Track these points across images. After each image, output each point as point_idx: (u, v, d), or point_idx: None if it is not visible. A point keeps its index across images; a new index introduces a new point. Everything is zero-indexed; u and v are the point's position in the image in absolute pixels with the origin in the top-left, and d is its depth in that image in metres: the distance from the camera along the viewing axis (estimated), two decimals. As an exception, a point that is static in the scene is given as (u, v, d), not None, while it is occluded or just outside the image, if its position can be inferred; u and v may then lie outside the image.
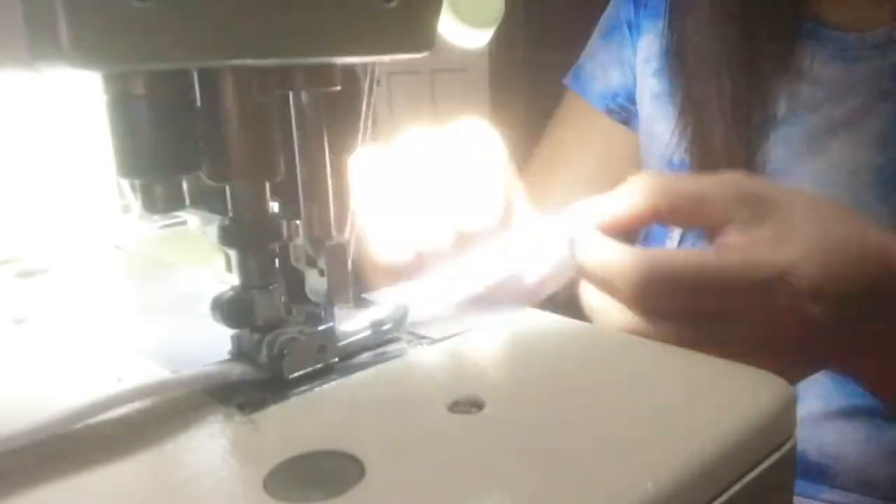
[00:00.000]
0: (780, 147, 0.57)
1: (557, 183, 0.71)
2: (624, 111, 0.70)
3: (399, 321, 0.34)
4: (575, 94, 0.73)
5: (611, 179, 0.71)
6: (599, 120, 0.72)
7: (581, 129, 0.73)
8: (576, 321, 0.36)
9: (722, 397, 0.28)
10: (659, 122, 0.65)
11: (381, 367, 0.32)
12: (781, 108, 0.57)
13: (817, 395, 0.56)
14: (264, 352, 0.30)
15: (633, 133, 0.71)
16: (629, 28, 0.69)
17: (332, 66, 0.29)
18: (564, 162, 0.73)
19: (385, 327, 0.34)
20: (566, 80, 0.74)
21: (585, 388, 0.29)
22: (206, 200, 0.30)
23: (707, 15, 0.59)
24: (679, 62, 0.62)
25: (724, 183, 0.36)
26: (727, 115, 0.58)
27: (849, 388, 0.54)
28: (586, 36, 0.74)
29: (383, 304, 0.35)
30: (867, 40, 0.54)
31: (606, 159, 0.71)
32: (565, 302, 0.38)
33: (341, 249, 0.31)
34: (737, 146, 0.57)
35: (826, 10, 0.57)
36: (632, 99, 0.70)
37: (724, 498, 0.25)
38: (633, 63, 0.69)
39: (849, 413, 0.54)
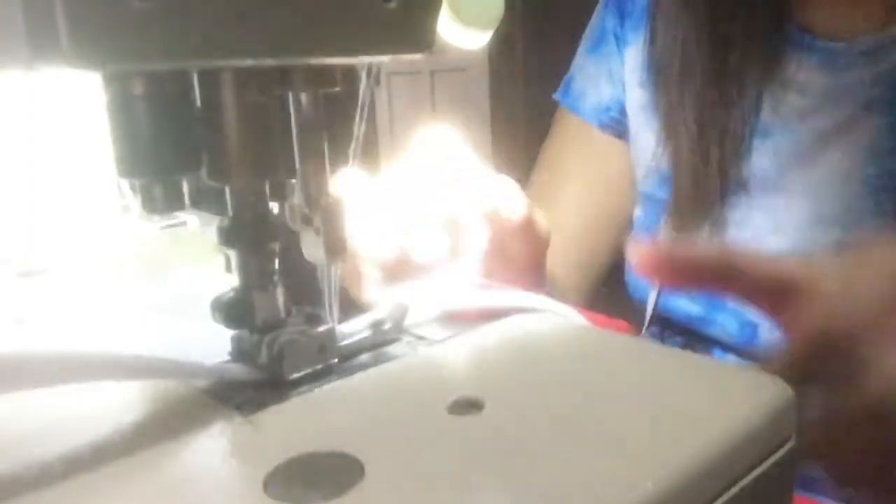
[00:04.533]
0: (769, 157, 0.57)
1: (558, 207, 0.70)
2: (618, 125, 0.69)
3: (399, 321, 0.34)
4: (567, 109, 0.72)
5: (609, 199, 0.70)
6: (593, 136, 0.71)
7: (576, 148, 0.72)
8: (575, 321, 0.36)
9: (722, 397, 0.28)
10: (644, 133, 0.65)
11: (381, 367, 0.32)
12: (768, 117, 0.57)
13: None
14: (264, 353, 0.30)
15: (628, 146, 0.71)
16: (616, 39, 0.68)
17: (331, 67, 0.29)
18: (562, 184, 0.72)
19: (385, 327, 0.34)
20: (557, 96, 0.73)
21: (585, 388, 0.29)
22: (206, 200, 0.30)
23: (686, 23, 0.58)
24: (660, 73, 0.61)
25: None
26: (708, 126, 0.57)
27: None
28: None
29: (383, 304, 0.35)
30: (855, 49, 0.54)
31: (604, 177, 0.70)
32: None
33: (338, 206, 0.31)
34: (718, 157, 0.57)
35: (813, 18, 0.56)
36: (624, 111, 0.69)
37: (724, 498, 0.25)
38: (622, 75, 0.68)
39: None
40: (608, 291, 0.72)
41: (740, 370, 0.30)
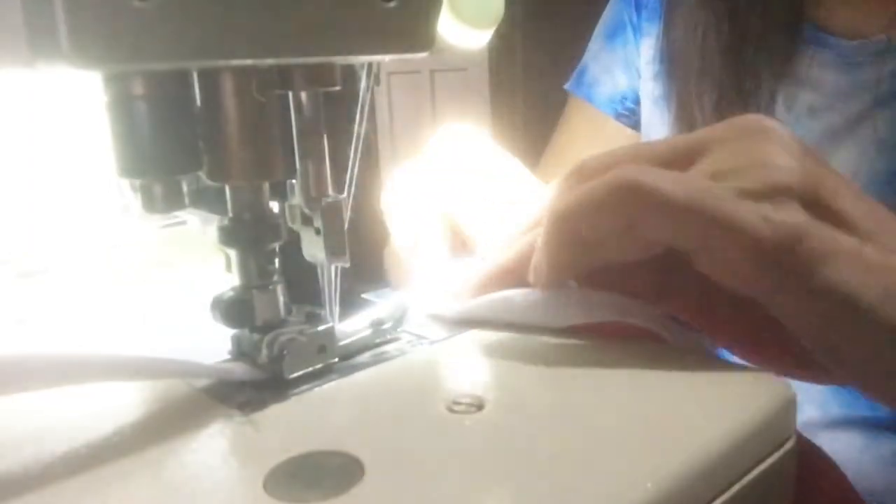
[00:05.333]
0: None
1: None
2: (633, 114, 0.69)
3: (399, 321, 0.34)
4: (579, 99, 0.72)
5: None
6: (608, 125, 0.70)
7: (588, 137, 0.71)
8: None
9: (722, 397, 0.28)
10: (656, 126, 0.65)
11: (381, 367, 0.32)
12: (780, 113, 0.57)
13: (814, 404, 0.56)
14: (264, 352, 0.30)
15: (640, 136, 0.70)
16: (633, 28, 0.68)
17: (331, 66, 0.29)
18: None
19: (385, 326, 0.34)
20: (569, 86, 0.73)
21: (585, 387, 0.29)
22: (206, 200, 0.30)
23: (699, 18, 0.58)
24: (673, 66, 0.61)
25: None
26: (719, 119, 0.57)
27: (846, 398, 0.54)
28: (586, 36, 0.74)
29: (383, 303, 0.35)
30: (867, 47, 0.54)
31: None
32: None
33: (338, 206, 0.31)
34: None
35: (826, 15, 0.56)
36: (639, 101, 0.69)
37: (724, 498, 0.25)
38: (638, 65, 0.68)
39: (846, 423, 0.54)
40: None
41: (740, 370, 0.30)
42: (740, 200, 0.28)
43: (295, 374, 0.30)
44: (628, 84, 0.69)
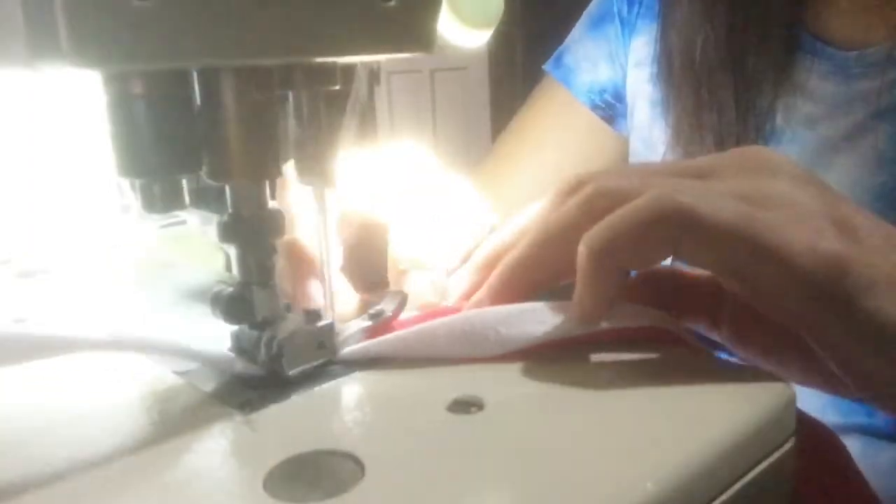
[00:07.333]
0: None
1: (524, 172, 0.69)
2: (610, 108, 0.68)
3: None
4: (555, 81, 0.71)
5: None
6: (581, 113, 0.69)
7: (557, 120, 0.70)
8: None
9: (722, 397, 0.28)
10: (656, 129, 0.64)
11: (381, 367, 0.32)
12: (778, 123, 0.56)
13: (812, 411, 0.55)
14: (263, 351, 0.30)
15: (615, 134, 0.69)
16: (621, 22, 0.67)
17: (332, 66, 0.29)
18: (534, 151, 0.70)
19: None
20: (547, 66, 0.72)
21: (585, 387, 0.29)
22: (206, 200, 0.30)
23: (698, 28, 0.58)
24: (670, 74, 0.61)
25: None
26: (718, 129, 0.57)
27: (844, 406, 0.54)
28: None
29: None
30: (867, 58, 0.53)
31: (582, 155, 0.69)
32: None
33: (334, 131, 0.31)
34: None
35: (825, 26, 0.56)
36: (619, 96, 0.68)
37: (724, 498, 0.25)
38: (623, 61, 0.67)
39: (843, 430, 0.54)
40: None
41: (740, 370, 0.30)
42: (788, 228, 0.28)
43: (295, 372, 0.30)
44: (609, 77, 0.68)
